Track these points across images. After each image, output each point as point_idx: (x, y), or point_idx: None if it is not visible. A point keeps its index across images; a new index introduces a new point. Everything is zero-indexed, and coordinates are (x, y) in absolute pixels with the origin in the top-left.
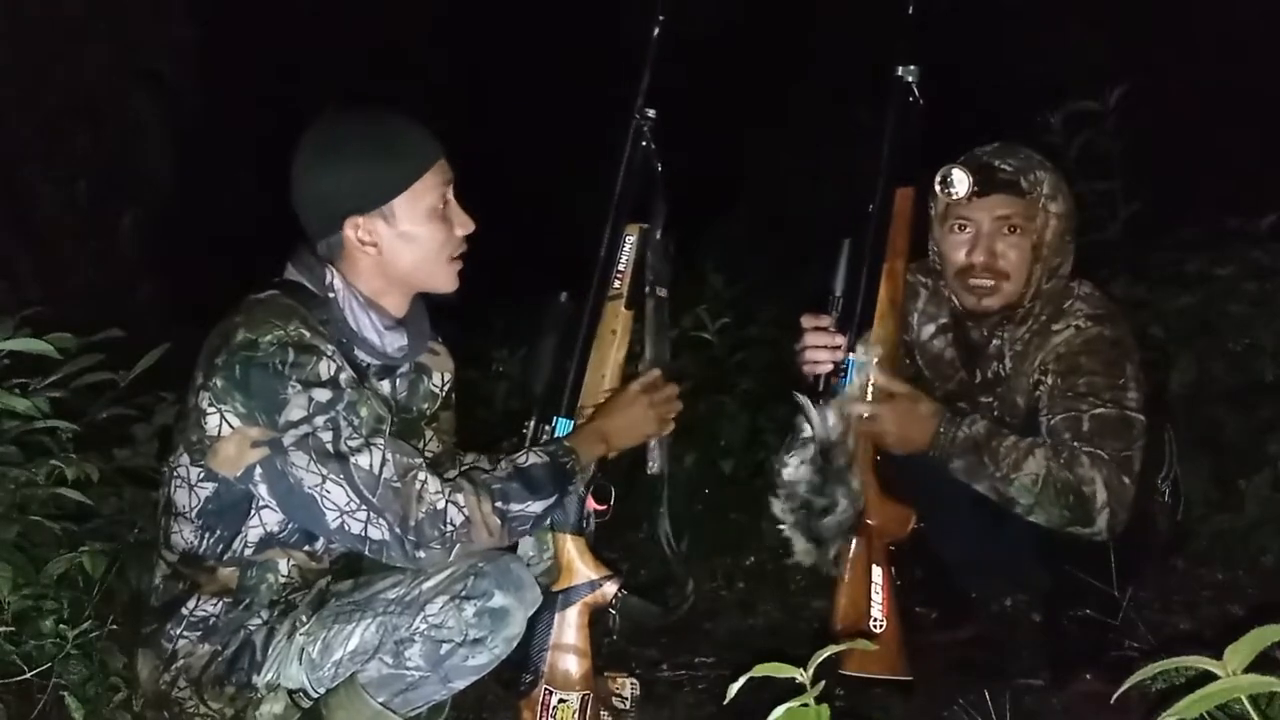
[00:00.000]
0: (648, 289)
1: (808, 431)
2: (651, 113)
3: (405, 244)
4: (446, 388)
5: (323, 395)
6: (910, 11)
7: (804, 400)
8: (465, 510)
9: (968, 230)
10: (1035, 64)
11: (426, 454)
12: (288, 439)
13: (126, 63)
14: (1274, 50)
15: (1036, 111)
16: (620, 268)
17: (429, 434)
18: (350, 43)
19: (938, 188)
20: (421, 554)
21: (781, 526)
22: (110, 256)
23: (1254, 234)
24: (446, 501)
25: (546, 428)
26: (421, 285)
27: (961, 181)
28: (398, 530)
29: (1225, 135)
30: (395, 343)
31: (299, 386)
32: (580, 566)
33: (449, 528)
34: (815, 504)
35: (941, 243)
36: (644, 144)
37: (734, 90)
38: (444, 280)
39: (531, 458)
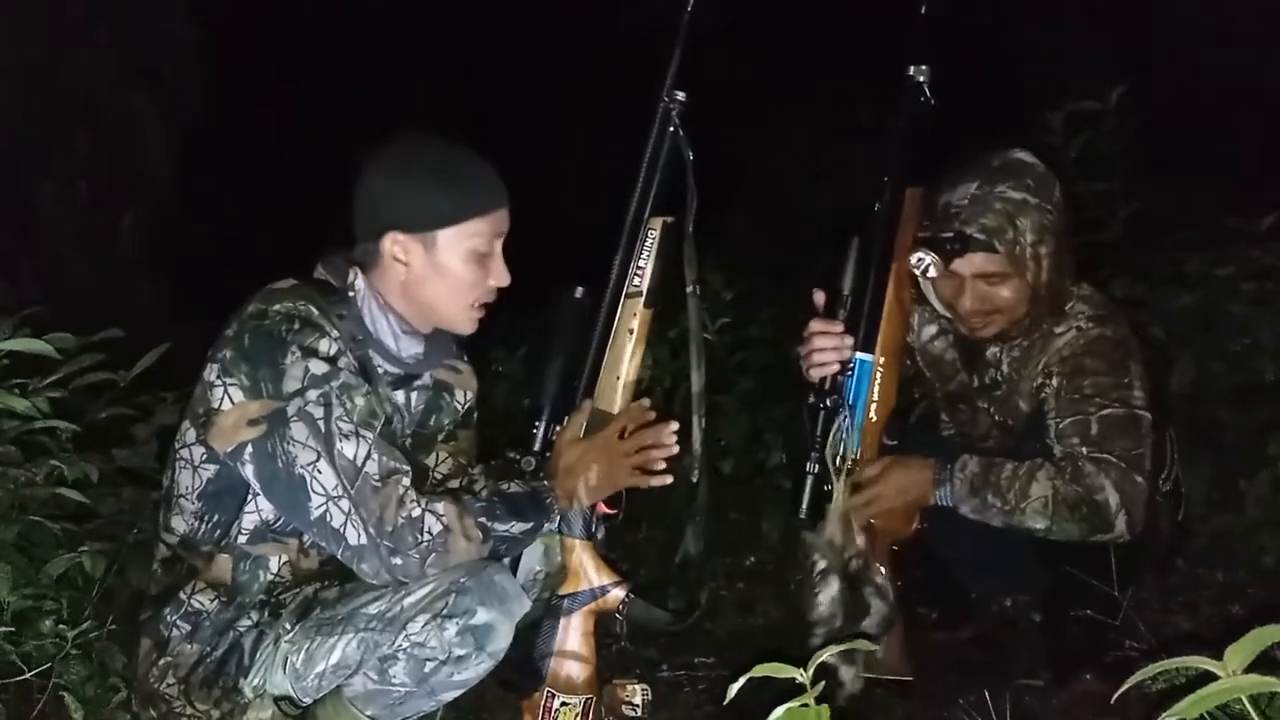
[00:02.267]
0: (690, 288)
1: (822, 564)
2: (682, 95)
3: (435, 275)
4: (468, 405)
5: (319, 368)
6: (923, 11)
7: (811, 537)
8: (444, 519)
9: (953, 279)
10: (1035, 64)
11: (437, 472)
12: (290, 408)
13: (126, 63)
14: (1274, 50)
15: (1036, 111)
16: (641, 263)
17: (443, 453)
18: (352, 40)
19: (915, 270)
20: (397, 561)
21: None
22: (110, 256)
23: (1254, 234)
24: (424, 510)
25: (557, 428)
26: (438, 320)
27: (934, 267)
28: (372, 532)
29: (1225, 135)
30: (411, 349)
31: (298, 354)
32: (588, 571)
33: (426, 537)
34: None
35: (930, 281)
36: (672, 129)
37: (735, 88)
38: (461, 322)
39: (514, 486)
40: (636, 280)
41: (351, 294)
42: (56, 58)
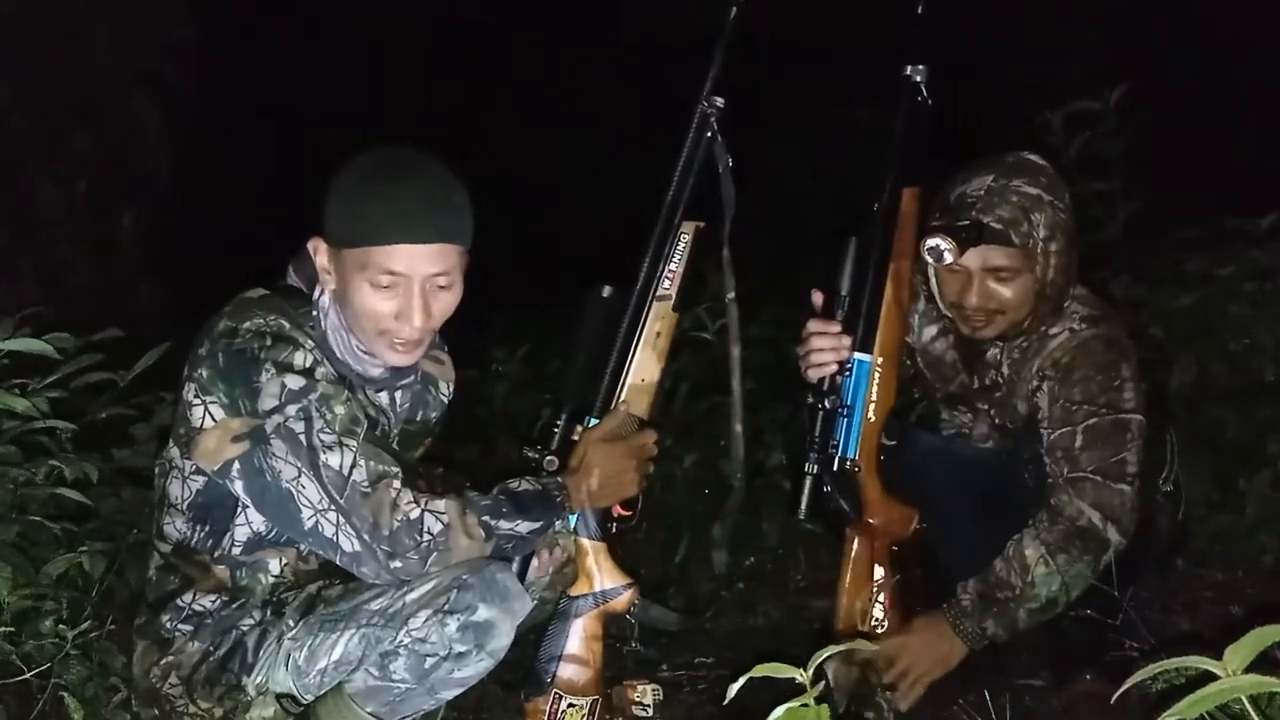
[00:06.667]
0: (729, 295)
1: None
2: (720, 101)
3: (344, 295)
4: (451, 396)
5: (295, 383)
6: (920, 11)
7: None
8: (444, 518)
9: (960, 273)
10: (1035, 64)
11: (420, 466)
12: (269, 425)
13: (126, 63)
14: (1273, 50)
15: (1036, 111)
16: (672, 267)
17: (428, 443)
18: (354, 41)
19: (927, 257)
20: (397, 563)
21: None
22: (110, 256)
23: (1254, 234)
24: (423, 510)
25: (579, 428)
26: (365, 343)
27: (949, 253)
28: (367, 538)
29: (1225, 135)
30: (375, 367)
31: (273, 370)
32: (599, 573)
33: (425, 537)
34: None
35: (935, 277)
36: (710, 135)
37: (734, 88)
38: (379, 351)
39: (524, 484)
40: (667, 283)
41: (316, 311)
42: (56, 58)
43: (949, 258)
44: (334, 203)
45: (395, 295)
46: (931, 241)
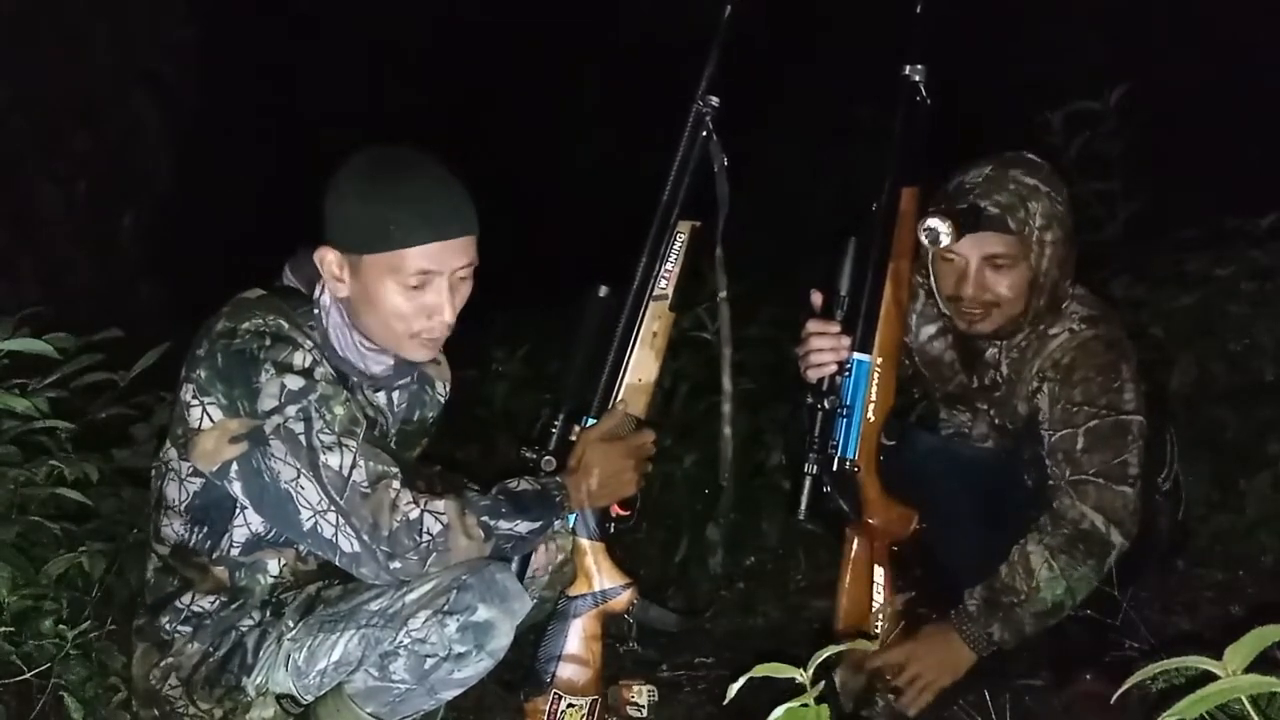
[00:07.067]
0: (722, 295)
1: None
2: (715, 100)
3: (365, 300)
4: (447, 396)
5: (295, 383)
6: (919, 11)
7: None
8: (444, 519)
9: (956, 262)
10: (1035, 64)
11: (418, 466)
12: (268, 426)
13: (126, 63)
14: (1273, 50)
15: (1036, 111)
16: (669, 266)
17: (424, 443)
18: (354, 41)
19: (924, 239)
20: (396, 564)
21: None
22: (110, 256)
23: (1254, 234)
24: (423, 511)
25: (577, 428)
26: (383, 344)
27: (946, 234)
28: (367, 538)
29: (1225, 135)
30: (379, 364)
31: (272, 371)
32: (598, 573)
33: (425, 537)
34: None
35: (933, 269)
36: (705, 134)
37: (733, 88)
38: (405, 350)
39: (523, 484)
40: (663, 283)
41: (317, 310)
42: (56, 58)
43: (945, 240)
44: (345, 210)
45: (425, 293)
46: (929, 222)
